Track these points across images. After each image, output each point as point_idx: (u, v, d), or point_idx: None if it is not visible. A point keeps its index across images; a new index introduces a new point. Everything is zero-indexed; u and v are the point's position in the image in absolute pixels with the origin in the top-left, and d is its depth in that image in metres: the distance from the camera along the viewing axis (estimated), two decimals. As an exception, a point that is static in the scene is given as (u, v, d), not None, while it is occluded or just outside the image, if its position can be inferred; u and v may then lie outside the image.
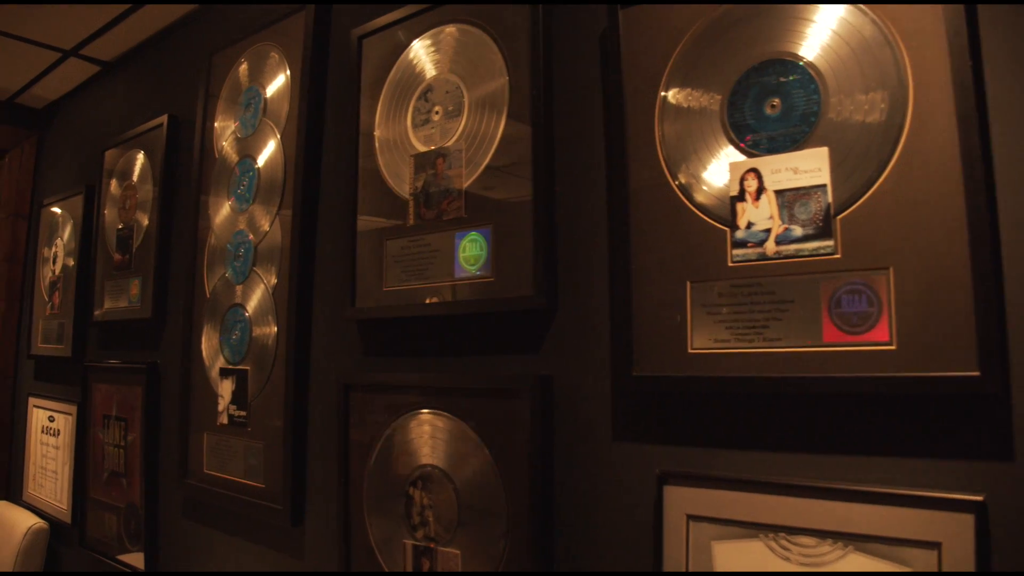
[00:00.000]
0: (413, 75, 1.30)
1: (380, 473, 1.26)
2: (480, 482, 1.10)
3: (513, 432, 1.07)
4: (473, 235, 1.16)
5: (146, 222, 1.98)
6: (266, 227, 1.58)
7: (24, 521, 2.29)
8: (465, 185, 1.18)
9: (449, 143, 1.22)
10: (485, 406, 1.11)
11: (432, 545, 1.15)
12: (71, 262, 2.36)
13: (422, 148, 1.26)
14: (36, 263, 2.61)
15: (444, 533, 1.14)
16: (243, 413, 1.57)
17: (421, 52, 1.29)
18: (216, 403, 1.65)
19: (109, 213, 2.17)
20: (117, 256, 2.08)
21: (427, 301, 1.21)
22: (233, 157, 1.71)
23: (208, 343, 1.70)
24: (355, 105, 1.38)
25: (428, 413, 1.19)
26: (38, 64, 2.43)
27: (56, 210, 2.52)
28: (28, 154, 2.81)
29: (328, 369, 1.42)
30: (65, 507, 2.23)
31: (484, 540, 1.09)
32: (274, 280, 1.54)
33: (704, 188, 0.93)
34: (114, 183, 2.17)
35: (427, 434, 1.19)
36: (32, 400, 2.54)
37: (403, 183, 1.28)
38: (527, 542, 1.03)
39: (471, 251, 1.16)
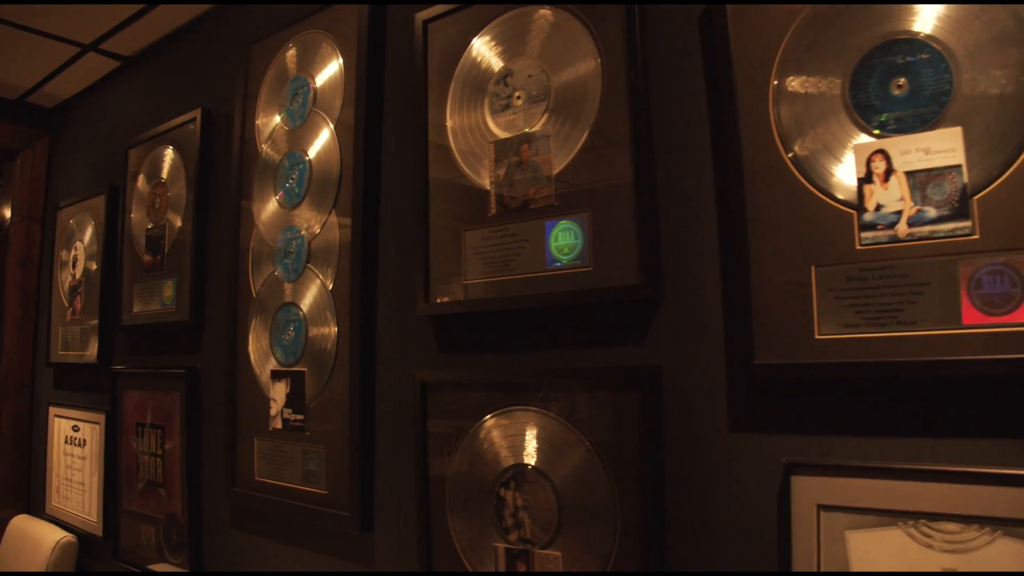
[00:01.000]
0: (489, 60, 1.28)
1: (465, 474, 1.23)
2: (583, 480, 1.08)
3: (620, 426, 1.05)
4: (566, 223, 1.14)
5: (179, 221, 1.95)
6: (320, 222, 1.55)
7: (50, 535, 2.24)
8: (555, 171, 1.17)
9: (535, 128, 1.20)
10: (587, 400, 1.09)
11: (528, 548, 1.13)
12: (93, 266, 2.32)
13: (503, 134, 1.24)
14: (53, 267, 2.56)
15: (542, 534, 1.12)
16: (300, 417, 1.54)
17: (498, 36, 1.27)
18: (267, 407, 1.62)
19: (136, 213, 2.13)
20: (147, 257, 2.04)
21: (514, 295, 1.19)
22: (279, 150, 1.68)
23: (256, 345, 1.67)
24: (422, 92, 1.36)
25: (519, 410, 1.17)
26: (52, 60, 2.39)
27: (74, 212, 2.47)
28: (40, 155, 2.76)
29: (395, 368, 1.39)
30: (95, 519, 2.18)
31: (588, 541, 1.07)
32: (332, 277, 1.51)
33: (826, 170, 0.92)
34: (141, 182, 2.13)
35: (518, 432, 1.17)
36: (53, 410, 2.49)
37: (482, 172, 1.26)
38: (638, 541, 1.01)
39: (564, 240, 1.14)
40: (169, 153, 2.02)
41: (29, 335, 2.67)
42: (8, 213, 2.73)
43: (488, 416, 1.21)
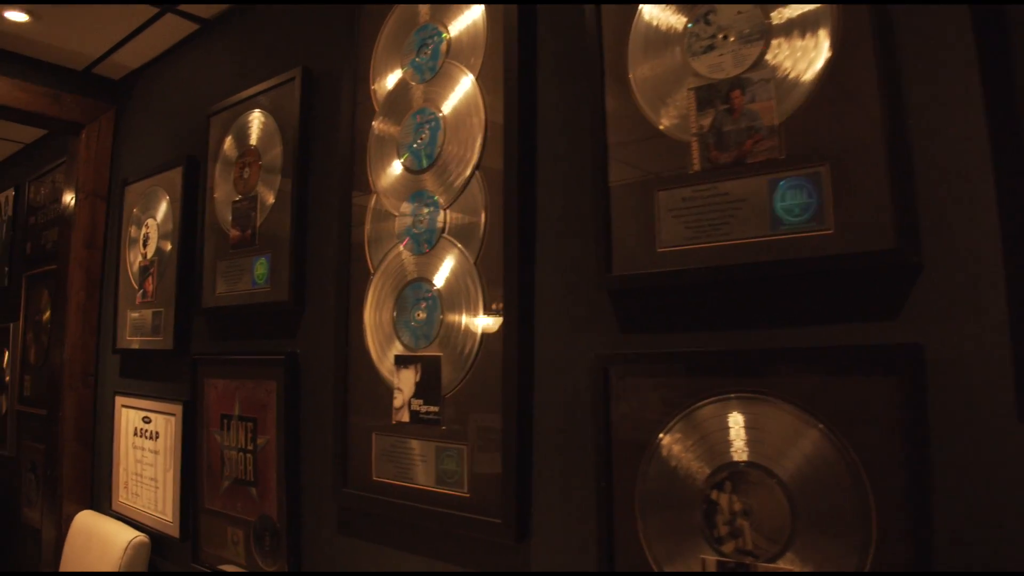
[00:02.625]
0: (687, -13, 1.12)
1: (662, 473, 1.07)
2: (823, 481, 0.91)
3: (873, 416, 0.88)
4: (795, 179, 0.98)
5: (274, 190, 1.82)
6: (459, 185, 1.40)
7: (121, 534, 2.12)
8: (779, 120, 1.00)
9: (749, 71, 1.04)
10: (827, 385, 0.92)
11: (749, 561, 0.97)
12: (168, 245, 2.21)
13: (707, 78, 1.08)
14: (120, 247, 2.46)
15: (768, 545, 0.95)
16: (434, 408, 1.39)
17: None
18: (389, 398, 1.47)
19: (220, 185, 2.01)
20: (234, 232, 1.92)
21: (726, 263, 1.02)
22: (402, 108, 1.54)
23: (375, 327, 1.53)
24: (594, 32, 1.20)
25: (739, 398, 1.01)
26: (123, 26, 2.29)
27: (145, 187, 2.37)
28: (106, 129, 2.67)
29: (560, 350, 1.24)
30: (170, 519, 2.06)
31: (832, 553, 0.90)
32: (477, 248, 1.36)
33: None
34: (226, 151, 2.00)
35: (737, 423, 1.00)
36: (120, 399, 2.38)
37: (679, 122, 1.10)
38: (899, 554, 0.85)
39: (794, 199, 0.98)
40: (260, 118, 1.90)
41: (93, 320, 2.57)
42: (71, 191, 2.63)
43: (696, 405, 1.05)
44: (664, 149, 1.11)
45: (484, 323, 1.32)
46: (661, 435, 1.08)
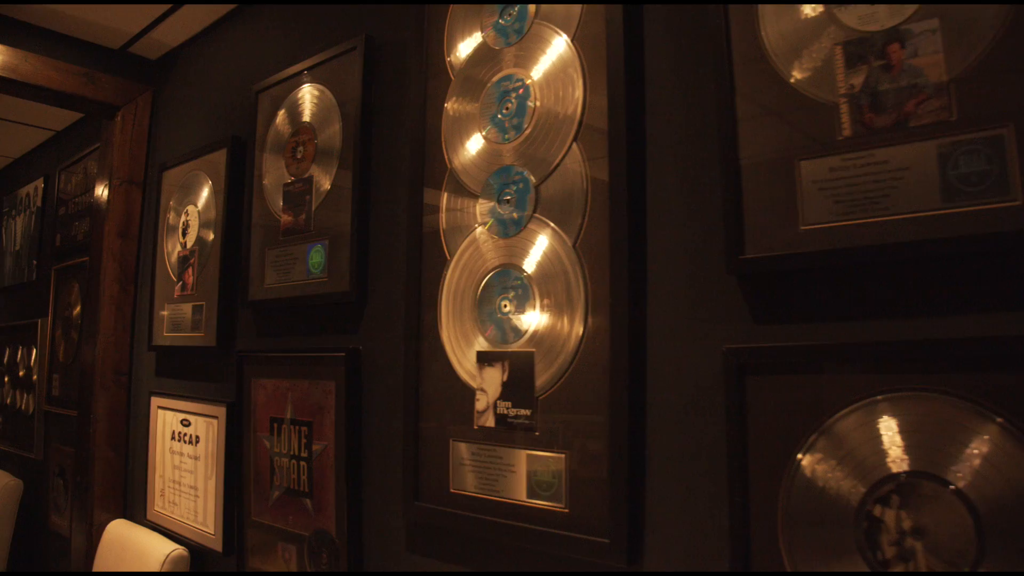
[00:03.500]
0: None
1: (811, 485, 0.91)
2: (1015, 487, 0.75)
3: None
4: (971, 143, 0.82)
5: (331, 171, 1.68)
6: (554, 159, 1.25)
7: (158, 546, 2.00)
8: (948, 76, 0.85)
9: (908, 23, 0.88)
10: (1006, 378, 0.77)
11: (940, 601, 0.81)
12: (210, 234, 2.09)
13: (858, 31, 0.93)
14: (157, 237, 2.35)
15: (946, 569, 0.79)
16: (525, 412, 1.24)
17: None
18: (470, 400, 1.33)
19: (270, 167, 1.88)
20: (286, 218, 1.79)
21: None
22: (484, 74, 1.39)
23: (452, 320, 1.38)
24: (727, -26, 1.05)
25: (909, 396, 0.84)
26: (162, 2, 2.18)
27: (184, 172, 2.25)
28: (142, 112, 2.56)
29: (675, 345, 1.08)
30: (212, 531, 1.94)
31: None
32: (577, 228, 1.21)
33: None
34: (276, 129, 1.88)
35: (906, 428, 0.84)
36: (156, 400, 2.26)
37: (823, 80, 0.94)
38: None
39: (969, 165, 0.82)
40: (315, 92, 1.77)
41: (127, 315, 2.46)
42: (105, 178, 2.53)
43: (855, 405, 0.89)
44: (805, 112, 0.96)
45: (587, 314, 1.17)
46: (809, 442, 0.92)
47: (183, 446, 2.10)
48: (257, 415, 1.80)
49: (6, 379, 3.39)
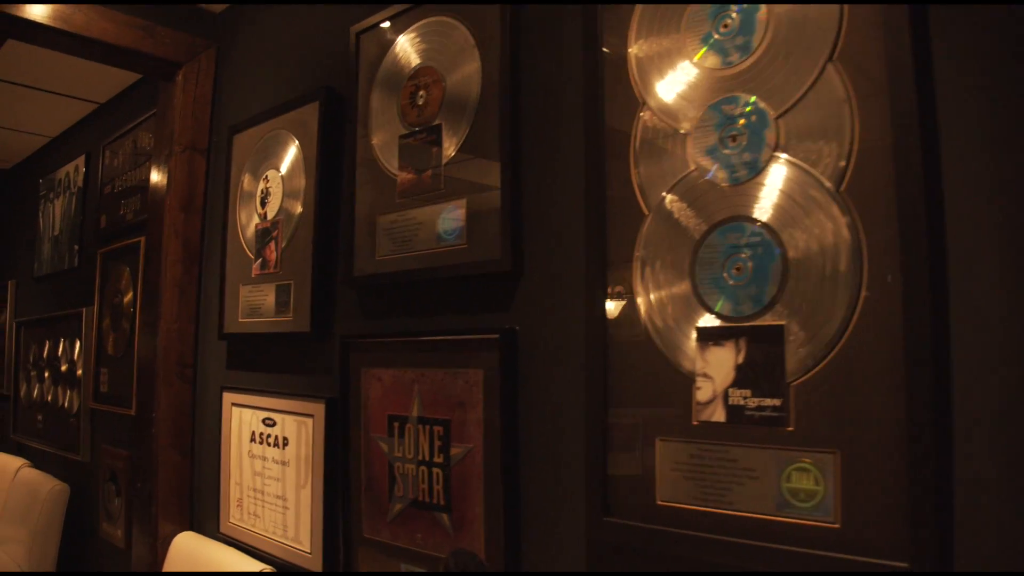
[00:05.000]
0: None
1: None
2: None
3: None
4: None
5: (467, 117, 1.43)
6: (801, 82, 1.00)
7: (240, 565, 1.78)
8: None
9: None
10: None
11: None
12: (298, 202, 1.85)
13: None
14: (228, 208, 2.12)
15: None
16: (774, 401, 0.99)
17: None
18: (686, 388, 1.08)
19: (378, 119, 1.64)
20: (405, 175, 1.54)
21: None
22: (690, -20, 1.14)
23: (657, 289, 1.13)
24: None
25: None
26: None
27: (261, 134, 2.02)
28: (206, 70, 2.34)
29: (983, 312, 0.82)
30: (309, 549, 1.70)
31: None
32: (839, 168, 0.95)
33: None
34: (385, 74, 1.64)
35: None
36: (229, 396, 2.04)
37: None
38: None
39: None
40: (440, 27, 1.52)
41: (192, 299, 2.24)
42: (165, 146, 2.31)
43: None
44: None
45: (862, 274, 0.92)
46: None
47: (266, 449, 1.87)
48: (370, 412, 1.56)
49: (46, 374, 3.20)
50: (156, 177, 2.33)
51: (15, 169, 4.26)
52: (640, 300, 1.15)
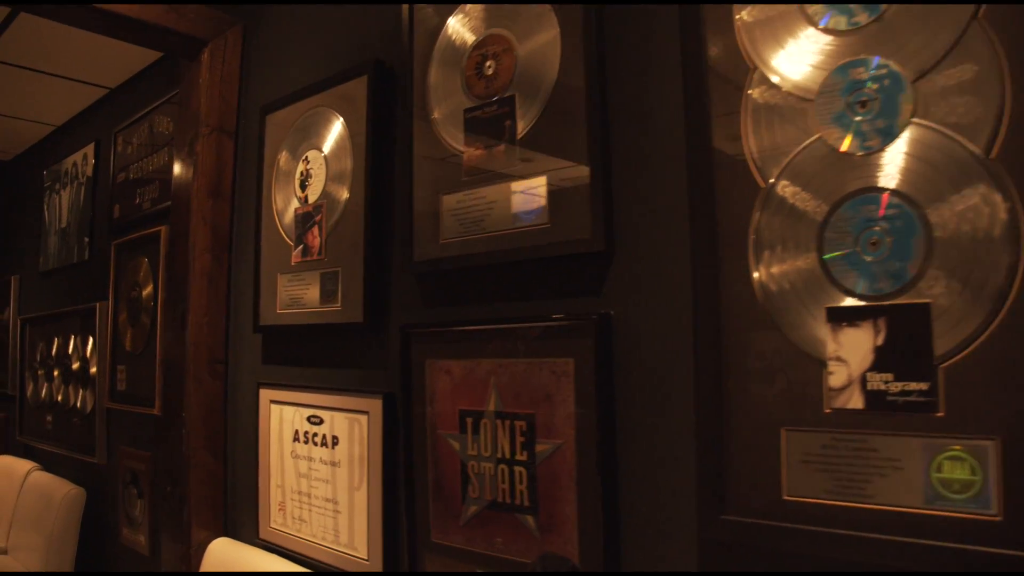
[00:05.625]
0: None
1: None
2: None
3: None
4: None
5: (545, 85, 1.36)
6: (941, 44, 0.94)
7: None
8: None
9: None
10: None
11: None
12: (344, 185, 1.78)
13: None
14: (261, 193, 2.05)
15: None
16: (920, 386, 0.93)
17: None
18: (816, 373, 1.02)
19: (438, 92, 1.57)
20: (473, 151, 1.47)
21: None
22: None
23: (778, 265, 1.07)
24: None
25: None
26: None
27: (298, 112, 1.95)
28: (232, 48, 2.27)
29: None
30: (365, 556, 1.63)
31: None
32: (987, 133, 0.89)
33: None
34: (446, 43, 1.57)
35: None
36: (267, 393, 1.97)
37: None
38: None
39: None
40: (507, -8, 1.46)
41: (222, 291, 2.17)
42: (189, 128, 2.24)
43: None
44: None
45: (1019, 245, 0.87)
46: None
47: (312, 449, 1.81)
48: (437, 408, 1.50)
49: (55, 373, 3.12)
50: (180, 162, 2.26)
51: (16, 160, 4.17)
52: (757, 279, 1.09)
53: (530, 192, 1.37)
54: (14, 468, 3.14)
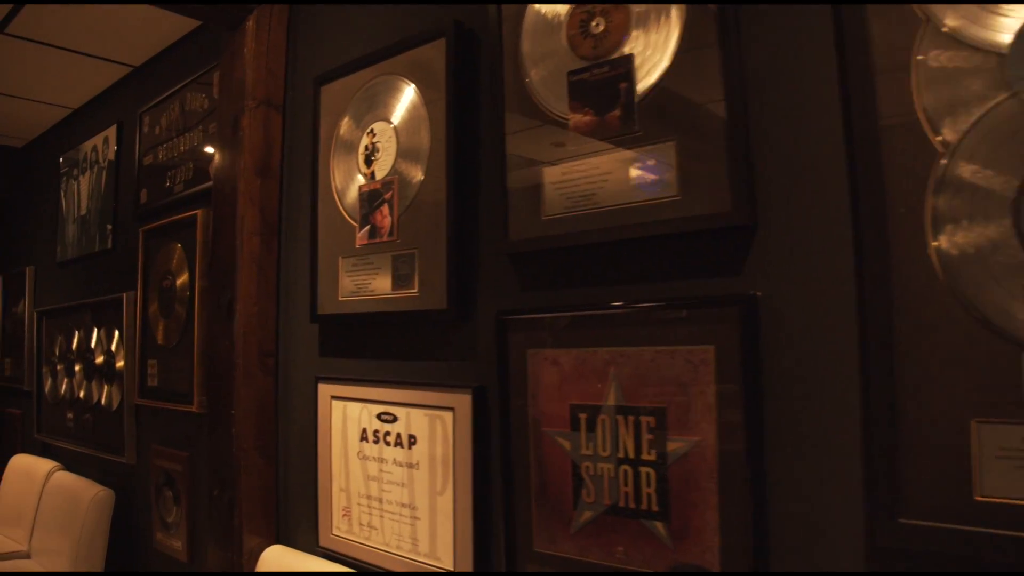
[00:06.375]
0: None
1: None
2: None
3: None
4: None
5: (667, 43, 1.25)
6: None
7: (366, 587, 1.60)
8: None
9: None
10: None
11: None
12: (419, 163, 1.66)
13: None
14: (317, 171, 1.93)
15: None
16: None
17: None
18: (1015, 357, 0.90)
19: (535, 53, 1.45)
20: (580, 117, 1.35)
21: None
22: None
23: (963, 235, 0.95)
24: None
25: None
26: None
27: (359, 82, 1.83)
28: (279, 16, 2.15)
29: None
30: (451, 566, 1.52)
31: None
32: None
33: None
34: None
35: None
36: (326, 388, 1.85)
37: None
38: None
39: None
40: (618, -60, 1.34)
41: (272, 278, 2.05)
42: (234, 102, 2.12)
43: None
44: None
45: None
46: None
47: (384, 449, 1.69)
48: (541, 403, 1.38)
49: (76, 368, 3.00)
50: (222, 140, 2.14)
51: (29, 147, 4.04)
52: (936, 252, 0.97)
53: (653, 161, 1.25)
54: (35, 468, 3.02)
